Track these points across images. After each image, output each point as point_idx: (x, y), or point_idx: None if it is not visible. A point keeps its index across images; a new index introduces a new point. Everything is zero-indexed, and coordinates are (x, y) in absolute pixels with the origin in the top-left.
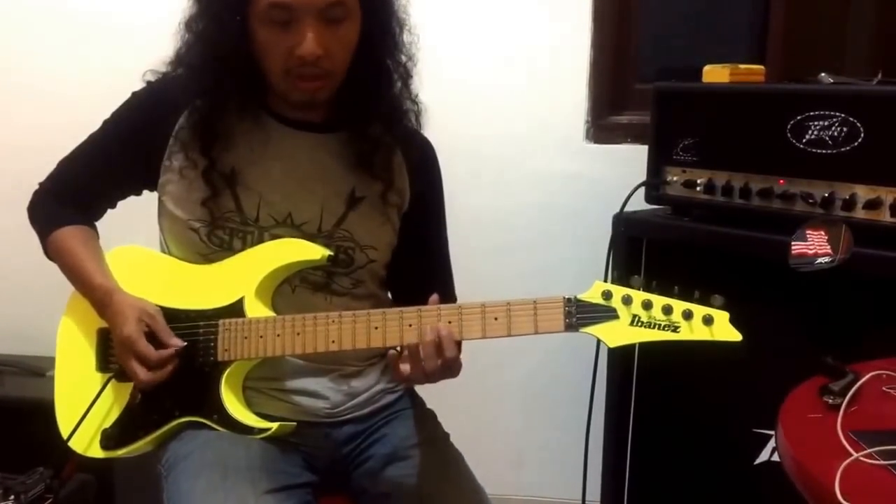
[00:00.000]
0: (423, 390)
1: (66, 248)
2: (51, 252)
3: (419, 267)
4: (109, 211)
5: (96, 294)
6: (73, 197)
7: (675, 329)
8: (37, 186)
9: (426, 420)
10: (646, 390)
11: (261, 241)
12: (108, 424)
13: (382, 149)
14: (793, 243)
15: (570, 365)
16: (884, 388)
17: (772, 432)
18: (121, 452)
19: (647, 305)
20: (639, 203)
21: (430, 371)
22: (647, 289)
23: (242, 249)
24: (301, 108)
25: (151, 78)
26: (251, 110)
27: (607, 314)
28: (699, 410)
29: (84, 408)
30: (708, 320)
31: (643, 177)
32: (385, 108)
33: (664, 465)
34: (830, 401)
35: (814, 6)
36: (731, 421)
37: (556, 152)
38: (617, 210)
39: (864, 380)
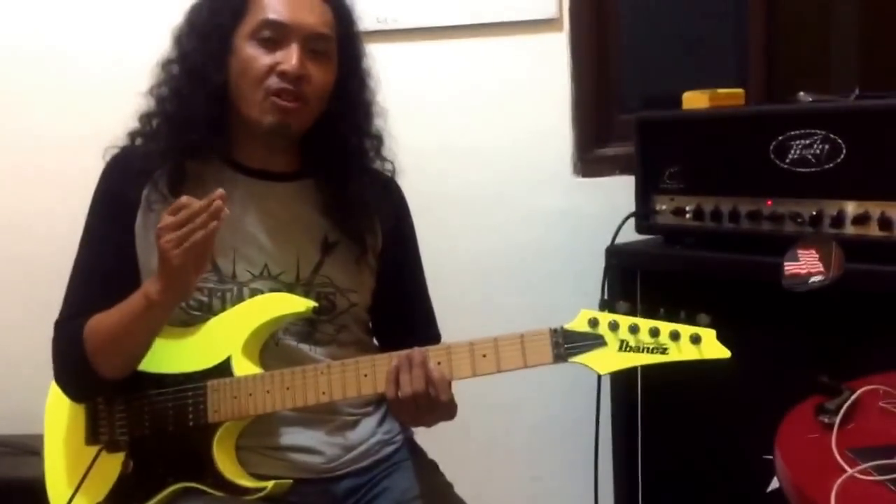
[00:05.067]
0: (422, 440)
1: (101, 330)
2: (98, 351)
3: (402, 308)
4: None
5: (152, 307)
6: (90, 312)
7: (664, 351)
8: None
9: (428, 470)
10: (651, 424)
11: (240, 296)
12: (100, 498)
13: (350, 193)
14: (785, 264)
15: (572, 404)
16: (881, 404)
17: None
18: None
19: (634, 329)
20: (631, 233)
21: (425, 416)
22: (633, 313)
23: (223, 309)
24: (269, 146)
25: (110, 156)
26: (215, 166)
27: (595, 342)
28: (707, 439)
29: (75, 483)
30: (696, 339)
31: (633, 207)
32: (351, 153)
33: (676, 500)
34: (826, 420)
35: (794, 26)
36: (740, 448)
37: (545, 189)
38: (609, 243)
39: (856, 395)
